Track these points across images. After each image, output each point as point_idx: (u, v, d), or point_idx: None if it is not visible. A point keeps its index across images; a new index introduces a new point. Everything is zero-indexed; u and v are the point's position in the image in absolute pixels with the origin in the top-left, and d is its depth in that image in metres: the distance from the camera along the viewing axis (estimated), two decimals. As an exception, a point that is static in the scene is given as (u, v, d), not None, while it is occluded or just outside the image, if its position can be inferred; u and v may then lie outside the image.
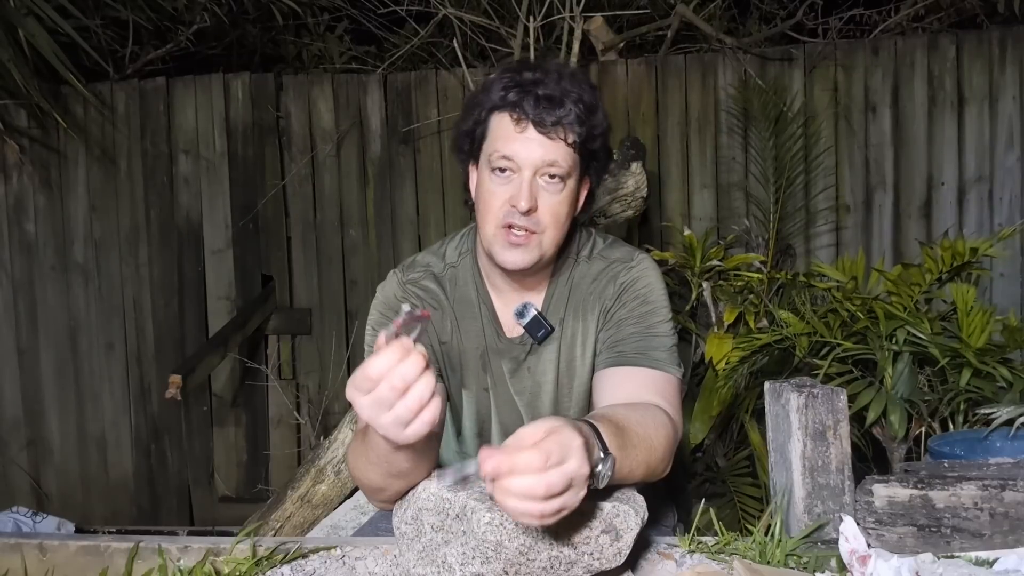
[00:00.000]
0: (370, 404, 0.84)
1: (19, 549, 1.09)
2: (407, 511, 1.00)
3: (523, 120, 1.22)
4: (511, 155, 1.23)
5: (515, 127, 1.23)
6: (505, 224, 1.24)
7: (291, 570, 1.04)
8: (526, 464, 0.79)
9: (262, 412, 3.50)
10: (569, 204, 1.28)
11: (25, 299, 3.45)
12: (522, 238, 1.24)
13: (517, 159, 1.23)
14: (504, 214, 1.24)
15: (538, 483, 0.79)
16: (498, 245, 1.26)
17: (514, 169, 1.24)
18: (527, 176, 1.23)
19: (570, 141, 1.23)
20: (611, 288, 1.34)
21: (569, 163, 1.24)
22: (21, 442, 3.47)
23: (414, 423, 0.84)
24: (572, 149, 1.24)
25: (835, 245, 3.27)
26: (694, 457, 2.74)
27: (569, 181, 1.26)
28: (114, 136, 3.42)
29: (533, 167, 1.23)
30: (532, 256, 1.26)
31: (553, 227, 1.26)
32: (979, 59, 3.20)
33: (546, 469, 0.79)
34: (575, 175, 1.27)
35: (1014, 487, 1.05)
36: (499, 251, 1.26)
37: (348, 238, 3.46)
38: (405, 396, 0.83)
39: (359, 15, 3.76)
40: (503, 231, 1.25)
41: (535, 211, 1.24)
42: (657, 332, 1.30)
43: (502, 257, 1.26)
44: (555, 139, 1.22)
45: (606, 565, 0.94)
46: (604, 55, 3.37)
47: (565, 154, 1.23)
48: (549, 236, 1.26)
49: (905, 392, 2.01)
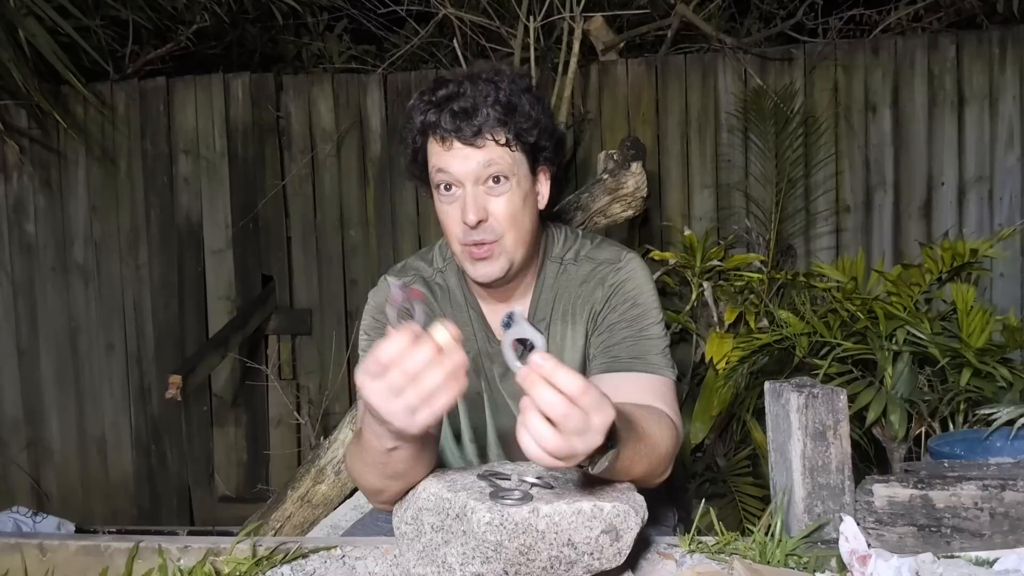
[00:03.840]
0: (381, 390, 0.84)
1: (19, 549, 1.08)
2: (407, 511, 1.00)
3: (447, 138, 1.23)
4: (446, 169, 1.24)
5: (442, 146, 1.24)
6: (465, 243, 1.25)
7: (291, 570, 1.04)
8: (564, 383, 0.80)
9: (262, 412, 3.50)
10: (522, 201, 1.27)
11: (25, 300, 3.45)
12: (484, 250, 1.25)
13: (454, 174, 1.24)
14: (462, 233, 1.25)
15: (560, 405, 0.79)
16: (467, 263, 1.28)
17: (456, 184, 1.24)
18: (469, 189, 1.24)
19: (501, 142, 1.23)
20: (599, 291, 1.34)
21: (507, 162, 1.24)
22: (21, 442, 3.47)
23: (423, 410, 0.84)
24: (508, 148, 1.24)
25: (835, 246, 3.27)
26: (694, 457, 2.74)
27: (514, 179, 1.25)
28: (114, 136, 3.42)
29: (471, 178, 1.23)
30: (501, 265, 1.26)
31: (512, 229, 1.26)
32: (979, 59, 3.20)
33: (575, 403, 0.80)
34: (520, 171, 1.26)
35: (1014, 487, 1.05)
36: (469, 268, 1.28)
37: (348, 238, 3.46)
38: (416, 383, 0.82)
39: (359, 15, 3.76)
40: (466, 249, 1.26)
41: (486, 220, 1.24)
42: (650, 335, 1.30)
43: (473, 273, 1.28)
44: (483, 145, 1.22)
45: (606, 565, 0.94)
46: (604, 55, 3.37)
47: (499, 154, 1.23)
48: (511, 239, 1.26)
49: (905, 392, 2.01)
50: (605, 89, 3.34)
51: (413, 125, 1.27)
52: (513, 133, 1.24)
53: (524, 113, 1.25)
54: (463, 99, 1.22)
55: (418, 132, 1.27)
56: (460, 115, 1.21)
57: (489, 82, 1.24)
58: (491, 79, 1.25)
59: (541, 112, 1.28)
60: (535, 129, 1.27)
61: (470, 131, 1.21)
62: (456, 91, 1.23)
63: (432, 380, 0.82)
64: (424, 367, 0.82)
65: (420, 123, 1.25)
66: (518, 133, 1.24)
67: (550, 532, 0.90)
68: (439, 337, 0.83)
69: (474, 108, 1.22)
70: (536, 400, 0.80)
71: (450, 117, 1.22)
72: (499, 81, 1.25)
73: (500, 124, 1.23)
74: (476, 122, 1.21)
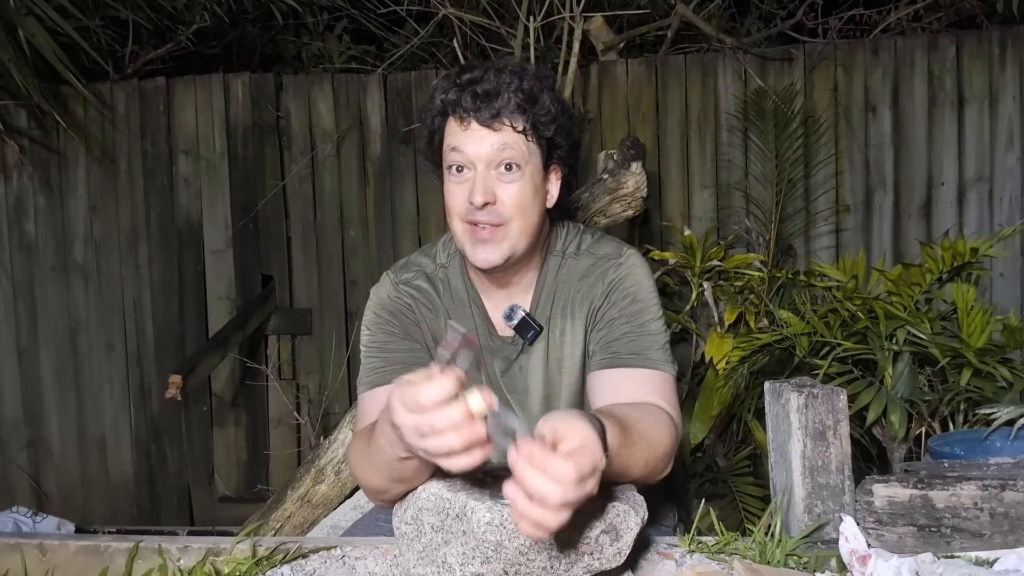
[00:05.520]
0: (410, 426, 0.84)
1: (19, 549, 1.09)
2: (407, 511, 1.00)
3: (465, 117, 1.24)
4: (460, 148, 1.24)
5: (460, 125, 1.25)
6: (468, 221, 1.25)
7: (291, 570, 1.04)
8: (561, 473, 0.78)
9: (262, 412, 3.50)
10: (532, 192, 1.27)
11: (25, 299, 3.45)
12: (487, 232, 1.25)
13: (467, 154, 1.24)
14: (465, 211, 1.25)
15: (556, 493, 0.78)
16: (467, 243, 1.27)
17: (468, 166, 1.25)
18: (480, 170, 1.24)
19: (519, 128, 1.24)
20: (599, 286, 1.34)
21: (520, 150, 1.25)
22: (21, 442, 3.47)
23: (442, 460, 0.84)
24: (523, 136, 1.25)
25: (835, 246, 3.27)
26: (694, 457, 2.74)
27: (527, 169, 1.26)
28: (114, 136, 3.42)
29: (484, 161, 1.24)
30: (502, 250, 1.26)
31: (518, 216, 1.26)
32: (979, 59, 3.20)
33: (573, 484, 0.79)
34: (533, 163, 1.27)
35: (1014, 487, 1.05)
36: (470, 249, 1.27)
37: (348, 238, 3.46)
38: (439, 437, 0.82)
39: (359, 15, 3.76)
40: (468, 228, 1.26)
41: (493, 204, 1.24)
42: (650, 331, 1.30)
43: (473, 256, 1.27)
44: (500, 128, 1.23)
45: (606, 565, 0.94)
46: (604, 55, 3.37)
47: (515, 141, 1.24)
48: (516, 226, 1.26)
49: (905, 392, 2.01)
50: (605, 89, 3.34)
51: (434, 105, 1.29)
52: (531, 122, 1.25)
53: (544, 106, 1.26)
54: (486, 83, 1.24)
55: (438, 112, 1.28)
56: (481, 96, 1.23)
57: (514, 72, 1.26)
58: (516, 70, 1.27)
59: (561, 110, 1.29)
60: (553, 124, 1.28)
61: (489, 113, 1.22)
62: (480, 76, 1.25)
63: (451, 442, 0.82)
64: (449, 428, 0.82)
65: (441, 102, 1.27)
66: (535, 124, 1.25)
67: (550, 532, 0.90)
68: (472, 403, 0.83)
69: (496, 91, 1.23)
70: (531, 490, 0.79)
71: (471, 97, 1.23)
72: (523, 73, 1.27)
73: (519, 111, 1.24)
74: (496, 105, 1.23)
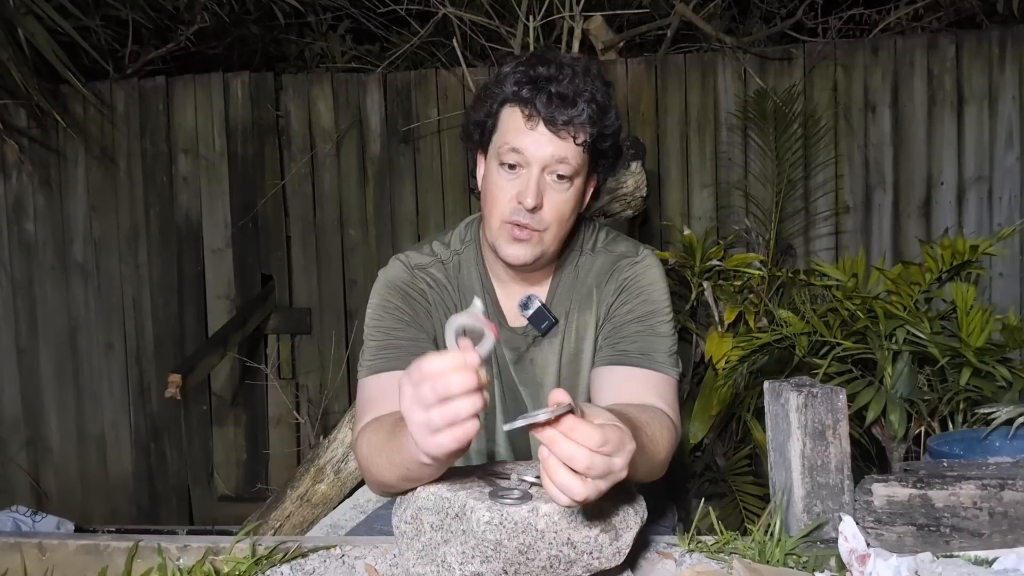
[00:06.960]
0: (410, 397, 0.83)
1: (18, 548, 1.08)
2: (407, 510, 1.00)
3: (535, 116, 1.21)
4: (521, 149, 1.22)
5: (526, 123, 1.22)
6: (510, 220, 1.24)
7: (291, 569, 1.04)
8: (583, 436, 0.79)
9: (262, 411, 3.50)
10: (574, 203, 1.28)
11: (25, 299, 3.45)
12: (525, 233, 1.24)
13: (526, 154, 1.22)
14: (511, 211, 1.24)
15: (582, 457, 0.79)
16: (502, 239, 1.26)
17: (523, 164, 1.23)
18: (535, 172, 1.22)
19: (580, 141, 1.22)
20: (614, 283, 1.34)
21: (578, 162, 1.24)
22: (21, 441, 3.47)
23: (443, 434, 0.82)
24: (582, 149, 1.23)
25: (835, 247, 3.27)
26: (694, 457, 2.74)
27: (576, 180, 1.26)
28: (114, 135, 3.42)
29: (541, 163, 1.22)
30: (534, 252, 1.26)
31: (556, 225, 1.26)
32: (979, 59, 3.20)
33: (597, 450, 0.80)
34: (583, 174, 1.27)
35: (1013, 487, 1.05)
36: (503, 245, 1.27)
37: (348, 238, 3.46)
38: (443, 405, 0.81)
39: (359, 14, 3.76)
40: (508, 226, 1.25)
41: (540, 209, 1.23)
42: (660, 332, 1.30)
43: (505, 251, 1.27)
44: (565, 138, 1.21)
45: (605, 564, 0.94)
46: (604, 55, 3.37)
47: (574, 153, 1.22)
48: (552, 233, 1.26)
49: (905, 391, 2.01)
50: (605, 89, 3.33)
51: (502, 91, 1.25)
52: (596, 136, 1.23)
53: (610, 121, 1.25)
54: (562, 84, 1.20)
55: (504, 99, 1.25)
56: (557, 99, 1.19)
57: (587, 75, 1.23)
58: (589, 72, 1.23)
59: (619, 126, 1.28)
60: (611, 138, 1.27)
61: (561, 119, 1.19)
62: (556, 74, 1.21)
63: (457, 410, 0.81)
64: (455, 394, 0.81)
65: (512, 92, 1.23)
66: (599, 137, 1.24)
67: (549, 531, 0.90)
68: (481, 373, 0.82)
69: (572, 99, 1.20)
70: (558, 455, 0.79)
71: (546, 99, 1.19)
72: (595, 79, 1.24)
73: (589, 123, 1.21)
74: (570, 112, 1.19)
